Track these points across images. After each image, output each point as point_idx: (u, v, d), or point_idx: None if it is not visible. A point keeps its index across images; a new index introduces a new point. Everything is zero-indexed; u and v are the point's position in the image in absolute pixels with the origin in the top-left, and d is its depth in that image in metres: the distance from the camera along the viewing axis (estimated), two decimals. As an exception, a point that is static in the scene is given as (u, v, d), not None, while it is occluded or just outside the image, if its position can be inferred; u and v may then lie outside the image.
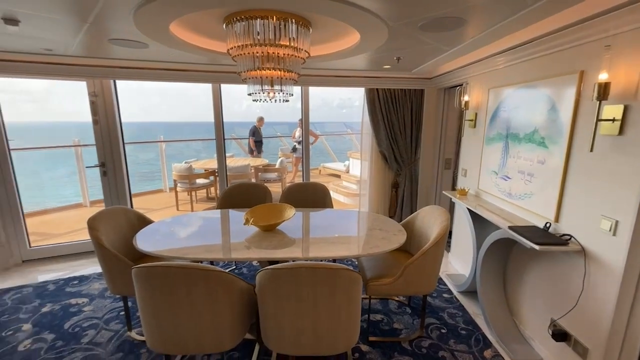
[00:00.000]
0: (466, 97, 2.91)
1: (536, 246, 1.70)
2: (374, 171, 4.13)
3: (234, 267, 3.23)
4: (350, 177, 6.35)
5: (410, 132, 3.92)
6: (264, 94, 1.99)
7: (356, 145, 8.42)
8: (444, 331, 2.28)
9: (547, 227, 1.90)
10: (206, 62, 2.99)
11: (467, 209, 2.59)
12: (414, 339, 2.19)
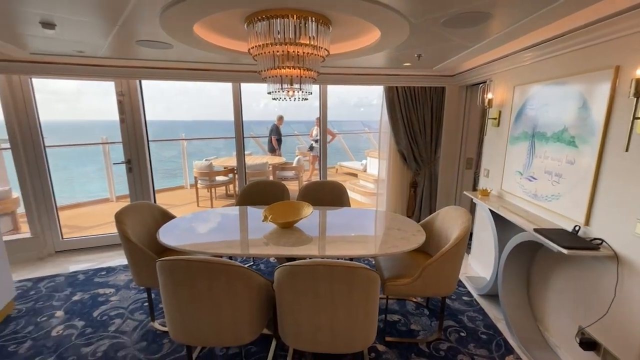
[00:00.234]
0: (490, 95, 2.82)
1: (564, 250, 1.63)
2: (392, 170, 4.08)
3: (252, 263, 3.29)
4: (367, 176, 6.31)
5: (430, 130, 3.85)
6: (283, 92, 2.01)
7: (374, 144, 8.34)
8: (463, 334, 2.23)
9: (577, 230, 1.82)
10: (227, 62, 3.05)
11: (489, 210, 2.52)
12: (432, 341, 2.15)
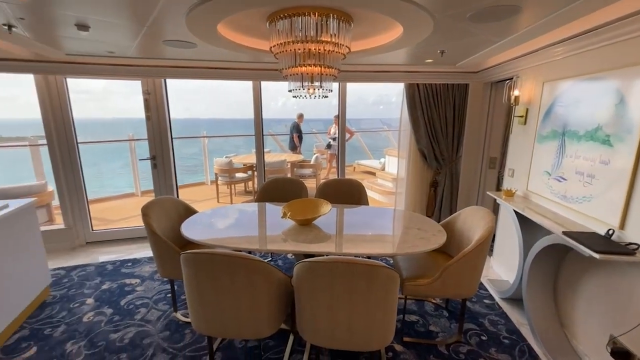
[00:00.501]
0: (516, 92, 2.71)
1: (596, 255, 1.55)
2: (412, 169, 4.01)
3: (270, 258, 3.34)
4: (385, 174, 6.23)
5: (452, 129, 3.75)
6: (304, 90, 2.02)
7: (392, 142, 8.23)
8: (484, 338, 2.17)
9: (610, 234, 1.72)
10: (248, 60, 3.09)
11: (514, 211, 2.43)
12: (451, 344, 2.11)
